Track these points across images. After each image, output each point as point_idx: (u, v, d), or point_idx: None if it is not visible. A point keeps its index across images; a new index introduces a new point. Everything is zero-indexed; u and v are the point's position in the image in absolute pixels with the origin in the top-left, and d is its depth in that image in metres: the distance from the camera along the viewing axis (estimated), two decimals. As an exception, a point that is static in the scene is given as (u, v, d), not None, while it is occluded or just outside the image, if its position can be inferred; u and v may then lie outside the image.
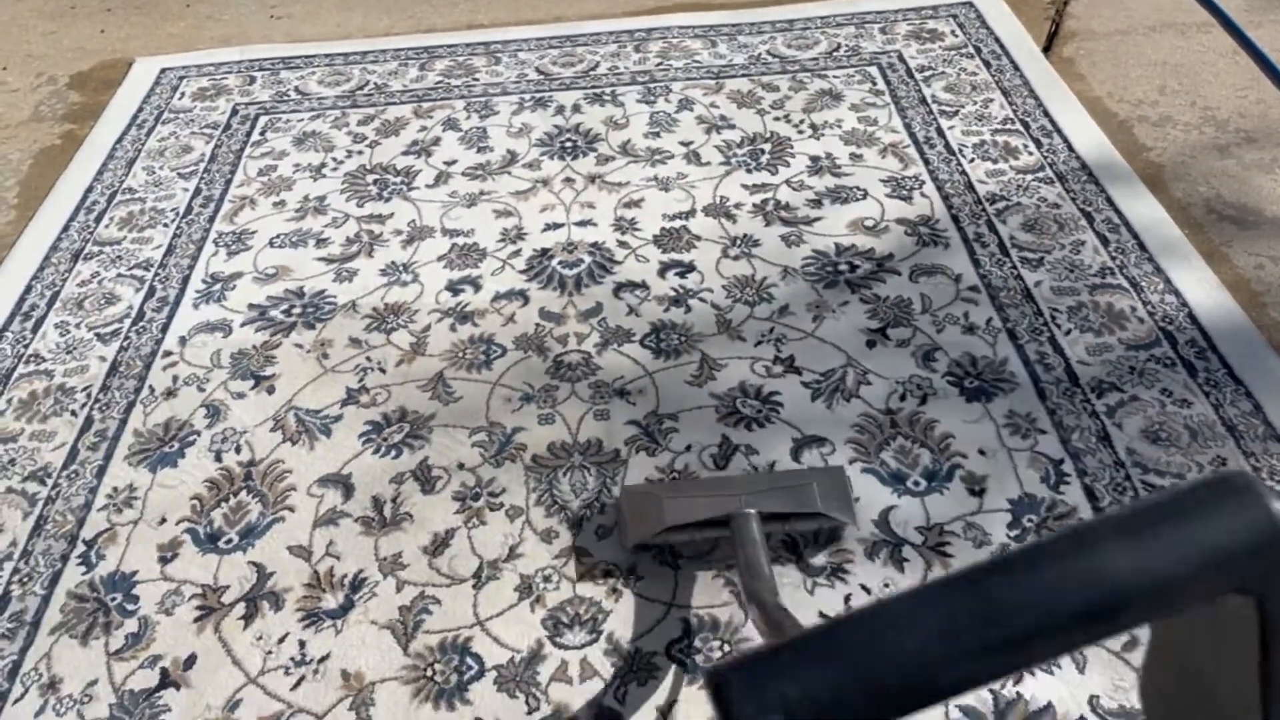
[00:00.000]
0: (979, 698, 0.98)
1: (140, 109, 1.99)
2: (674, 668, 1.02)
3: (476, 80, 1.99)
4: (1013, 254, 1.47)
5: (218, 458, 1.27)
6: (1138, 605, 0.34)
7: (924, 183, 1.63)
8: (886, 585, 1.07)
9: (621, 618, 1.07)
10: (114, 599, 1.12)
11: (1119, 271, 1.43)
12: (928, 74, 1.89)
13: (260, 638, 1.07)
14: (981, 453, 1.20)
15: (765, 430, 1.25)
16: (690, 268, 1.50)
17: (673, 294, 1.47)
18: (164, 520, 1.20)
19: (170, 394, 1.37)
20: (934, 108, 1.80)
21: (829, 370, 1.32)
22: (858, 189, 1.63)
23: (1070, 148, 1.67)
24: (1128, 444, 1.19)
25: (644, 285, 1.49)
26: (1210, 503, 0.34)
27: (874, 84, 1.88)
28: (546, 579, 1.11)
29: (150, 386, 1.38)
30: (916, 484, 1.17)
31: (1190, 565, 0.34)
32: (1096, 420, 1.22)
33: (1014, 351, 1.32)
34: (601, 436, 1.26)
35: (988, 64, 1.91)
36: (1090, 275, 1.43)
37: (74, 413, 1.35)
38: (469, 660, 1.04)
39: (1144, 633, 0.68)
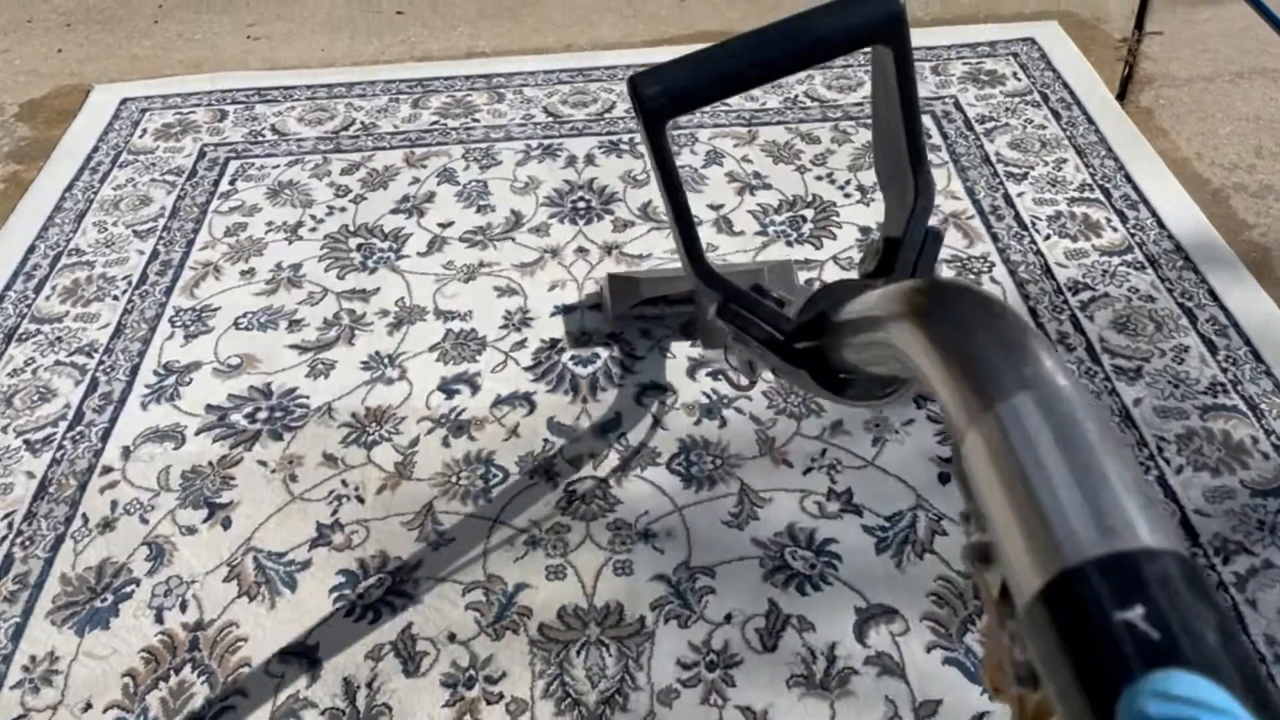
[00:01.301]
0: None
1: (95, 149, 1.76)
2: None
3: (476, 122, 1.76)
4: (1104, 361, 1.25)
5: (158, 617, 1.05)
6: (833, 44, 0.68)
7: (994, 265, 1.41)
8: (983, 831, 0.86)
9: None
10: (20, 821, 0.90)
11: (1233, 389, 1.21)
12: (989, 126, 1.67)
13: None
14: (1088, 637, 0.98)
15: (821, 595, 1.03)
16: (724, 368, 1.28)
17: (705, 401, 1.25)
18: (89, 706, 0.98)
19: (107, 526, 1.14)
20: (999, 169, 1.57)
21: (895, 513, 1.10)
22: (917, 271, 1.40)
23: (1160, 224, 1.45)
24: (1265, 629, 0.98)
25: (670, 389, 1.27)
26: None
27: (928, 137, 1.65)
28: (557, 805, 0.89)
29: (84, 515, 1.16)
30: (1012, 682, 0.95)
31: (858, 22, 0.67)
32: (1226, 594, 1.01)
33: (1116, 494, 1.10)
34: (623, 599, 1.04)
35: (1056, 115, 1.68)
36: (1199, 393, 1.21)
37: (-9, 549, 1.13)
38: None
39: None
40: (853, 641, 0.99)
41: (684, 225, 0.69)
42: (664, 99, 0.64)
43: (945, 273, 1.40)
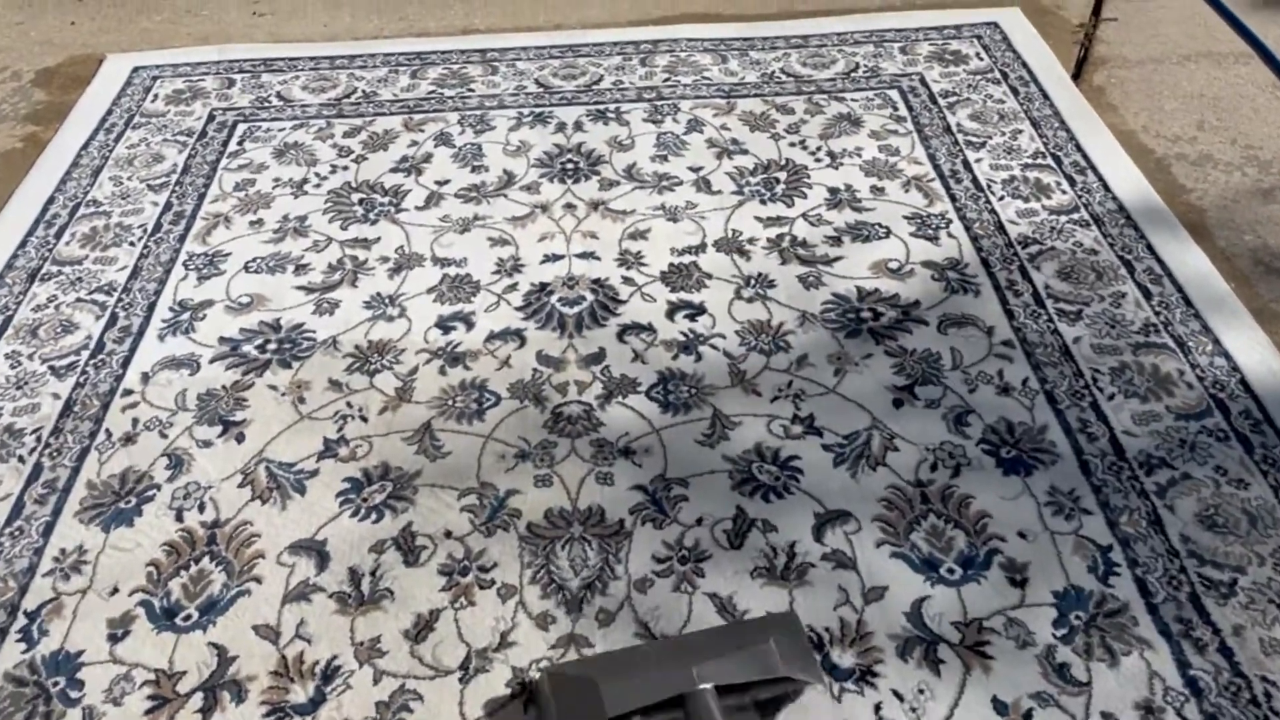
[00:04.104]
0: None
1: (109, 111, 1.85)
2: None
3: (472, 91, 1.87)
4: (1049, 305, 1.37)
5: (178, 517, 1.15)
6: None
7: (951, 221, 1.52)
8: (922, 691, 0.96)
9: None
10: (56, 684, 1.00)
11: (1164, 329, 1.33)
12: (952, 100, 1.78)
13: (219, 736, 0.96)
14: (1022, 535, 1.09)
15: (785, 502, 1.14)
16: (701, 309, 1.39)
17: (682, 339, 1.35)
18: (116, 590, 1.08)
19: (129, 440, 1.24)
20: (959, 138, 1.69)
21: (853, 433, 1.21)
22: (880, 226, 1.52)
23: (1106, 187, 1.57)
24: (1181, 529, 1.09)
25: (651, 328, 1.37)
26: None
27: (895, 109, 1.77)
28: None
29: (107, 430, 1.25)
30: (951, 571, 1.06)
31: None
32: (1147, 501, 1.12)
33: (1054, 417, 1.22)
34: (604, 504, 1.15)
35: (1015, 91, 1.80)
36: (1133, 332, 1.32)
37: (22, 458, 1.22)
38: (454, 770, 0.93)
39: None
40: (810, 541, 1.10)
41: None
42: None
43: (900, 226, 1.51)
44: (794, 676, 0.92)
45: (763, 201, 1.58)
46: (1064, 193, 1.56)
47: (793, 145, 1.70)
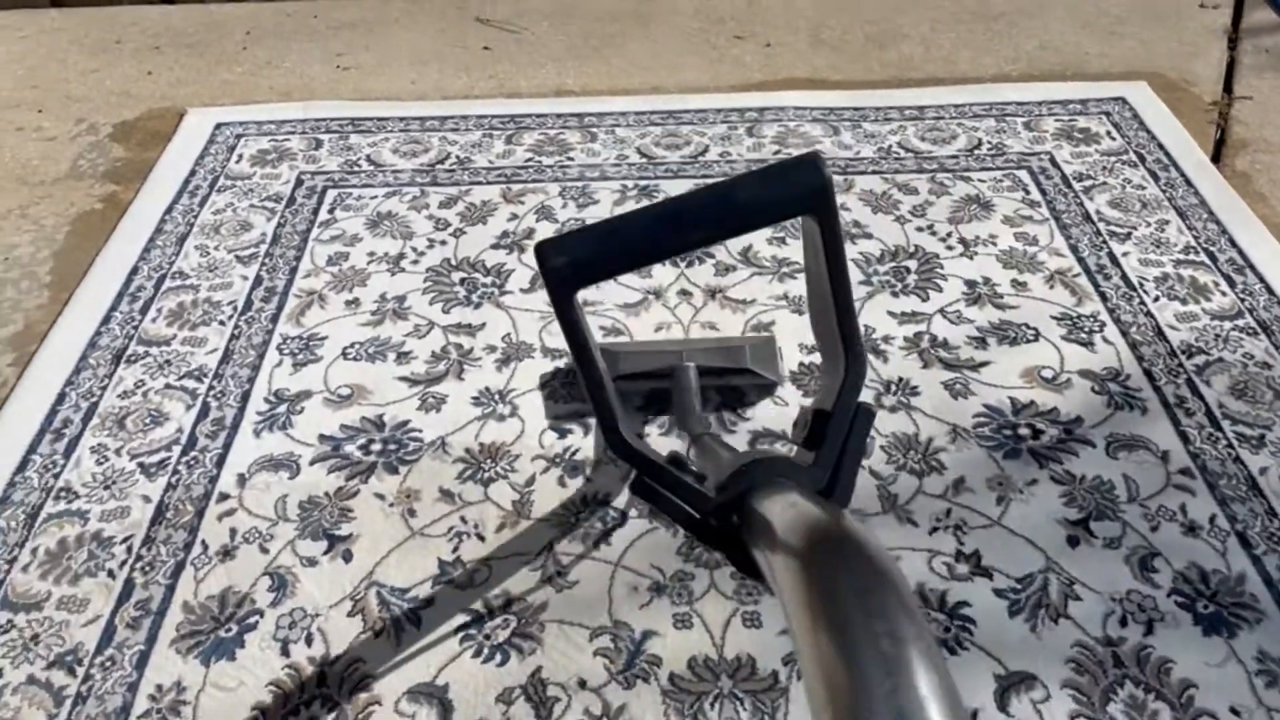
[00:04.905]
0: None
1: (193, 172, 1.77)
2: None
3: (571, 160, 1.78)
4: (1225, 427, 1.25)
5: (284, 650, 1.04)
6: (755, 216, 0.60)
7: (1104, 324, 1.40)
8: None
9: None
10: None
11: (1360, 460, 1.20)
12: (1088, 184, 1.67)
13: None
14: (1235, 713, 0.97)
15: (959, 659, 1.02)
16: (839, 419, 1.27)
17: (820, 452, 1.24)
18: (219, 739, 0.97)
19: (227, 554, 1.14)
20: (1101, 227, 1.57)
21: (1026, 575, 1.09)
22: (1028, 327, 1.40)
23: (1269, 289, 1.45)
24: None
25: (785, 436, 1.26)
26: (793, 166, 0.60)
27: (1027, 192, 1.66)
28: None
29: (203, 542, 1.15)
30: (1162, 755, 0.94)
31: (782, 194, 0.60)
32: (1373, 673, 0.99)
33: (1249, 564, 1.09)
34: (754, 652, 1.03)
35: (1154, 175, 1.68)
36: (1326, 463, 1.20)
37: (112, 572, 1.12)
38: None
39: None
40: (995, 710, 0.98)
41: (596, 394, 0.63)
42: (569, 270, 0.60)
43: (1049, 328, 1.39)
44: (757, 371, 1.27)
45: (894, 294, 1.47)
46: (1224, 294, 1.44)
47: (920, 230, 1.59)
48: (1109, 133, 1.80)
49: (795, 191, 0.60)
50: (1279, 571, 1.09)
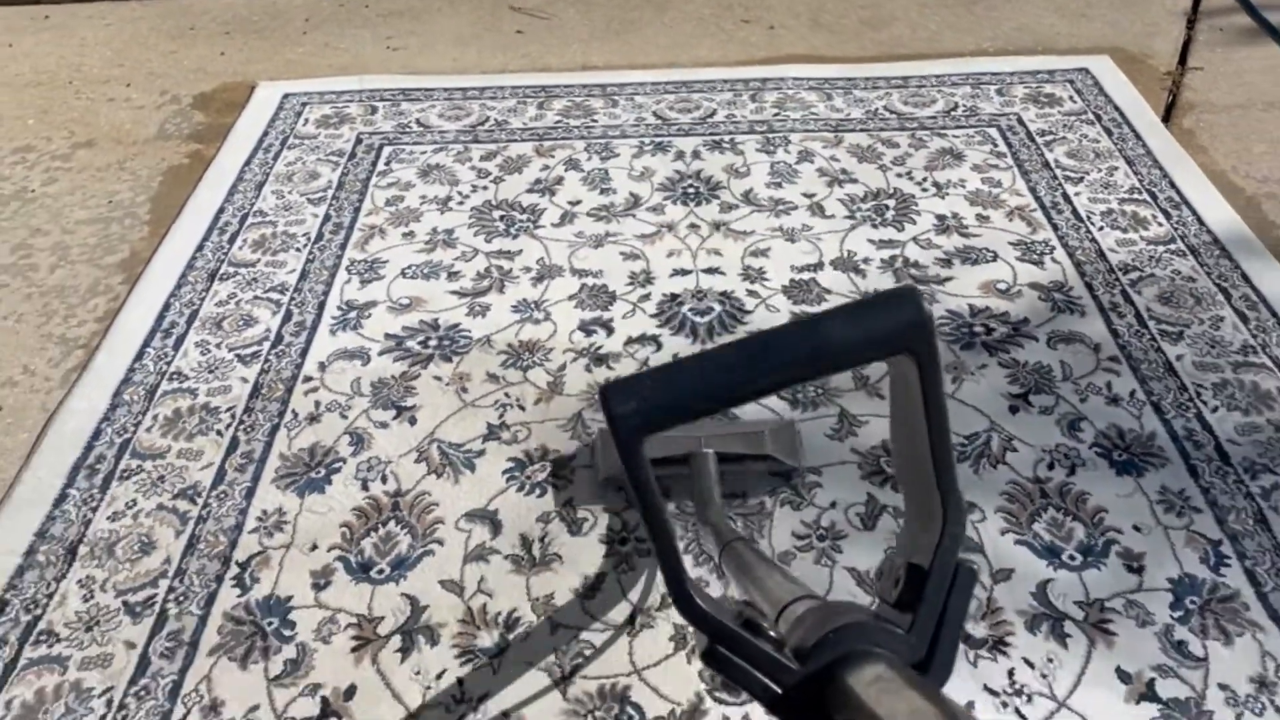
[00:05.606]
0: None
1: (265, 133, 2.03)
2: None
3: (595, 122, 2.02)
4: (1151, 326, 1.47)
5: (364, 486, 1.29)
6: (846, 357, 0.54)
7: (1054, 248, 1.63)
8: (1050, 660, 1.06)
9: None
10: (270, 624, 1.13)
11: (1261, 350, 1.42)
12: (1049, 139, 1.90)
13: (418, 672, 1.08)
14: (1137, 529, 1.19)
15: (912, 492, 1.25)
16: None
17: (806, 347, 1.47)
18: (315, 547, 1.21)
19: (313, 419, 1.38)
20: (1058, 173, 1.80)
21: (973, 434, 1.32)
22: (987, 250, 1.63)
23: (1200, 221, 1.67)
24: (1286, 528, 1.18)
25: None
26: (888, 300, 0.54)
27: (995, 145, 1.89)
28: (701, 631, 1.10)
29: (293, 411, 1.40)
30: (1073, 558, 1.16)
31: (877, 332, 0.54)
32: (1252, 502, 1.21)
33: (1161, 426, 1.32)
34: (745, 488, 1.26)
35: (1109, 131, 1.91)
36: (1232, 352, 1.42)
37: (219, 432, 1.37)
38: (629, 710, 1.04)
39: None
40: (939, 525, 1.20)
41: (666, 553, 0.57)
42: (637, 418, 0.54)
43: (1006, 251, 1.62)
44: (777, 457, 1.24)
45: (874, 226, 1.70)
46: (1160, 225, 1.67)
47: (900, 176, 1.82)
48: (1070, 97, 2.03)
49: (892, 328, 0.54)
50: (1184, 431, 1.31)
